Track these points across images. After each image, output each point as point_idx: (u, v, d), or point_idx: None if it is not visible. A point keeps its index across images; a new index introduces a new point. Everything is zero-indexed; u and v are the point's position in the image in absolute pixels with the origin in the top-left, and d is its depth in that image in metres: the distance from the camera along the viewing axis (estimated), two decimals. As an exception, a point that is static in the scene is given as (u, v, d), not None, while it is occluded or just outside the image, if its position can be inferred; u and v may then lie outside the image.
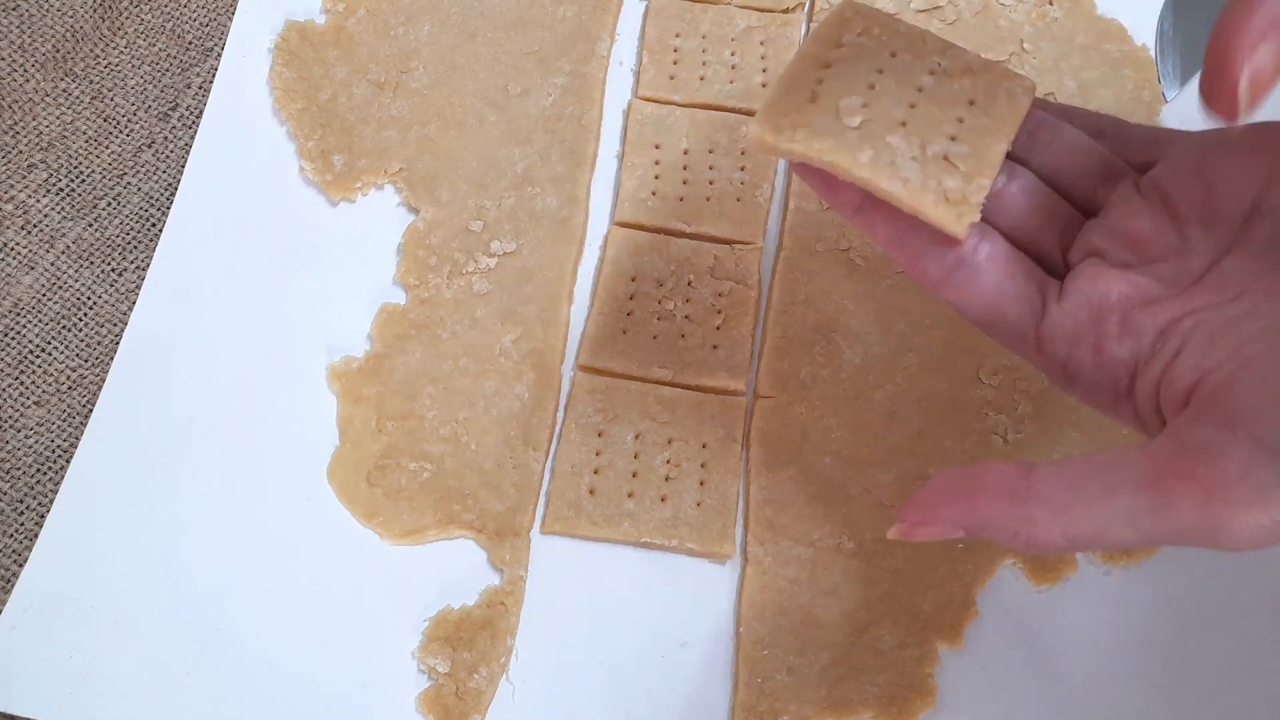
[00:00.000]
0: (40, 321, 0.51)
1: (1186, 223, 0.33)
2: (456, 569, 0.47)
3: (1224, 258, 0.32)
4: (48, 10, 0.58)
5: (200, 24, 0.58)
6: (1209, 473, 0.27)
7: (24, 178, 0.54)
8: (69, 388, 0.50)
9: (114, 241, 0.53)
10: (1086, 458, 0.30)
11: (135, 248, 0.53)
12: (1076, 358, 0.33)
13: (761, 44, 0.56)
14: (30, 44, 0.57)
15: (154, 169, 0.55)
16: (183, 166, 0.54)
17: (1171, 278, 0.33)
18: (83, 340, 0.51)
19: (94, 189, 0.54)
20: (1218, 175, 0.33)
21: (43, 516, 0.47)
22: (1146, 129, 0.36)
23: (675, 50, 0.56)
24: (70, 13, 0.58)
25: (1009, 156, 0.35)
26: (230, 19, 0.58)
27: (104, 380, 0.50)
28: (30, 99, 0.56)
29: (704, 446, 0.49)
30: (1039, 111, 0.36)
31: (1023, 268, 0.35)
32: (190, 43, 0.58)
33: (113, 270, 0.53)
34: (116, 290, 0.52)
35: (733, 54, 0.56)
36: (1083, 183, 0.36)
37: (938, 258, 0.34)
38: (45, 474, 0.49)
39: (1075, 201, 0.36)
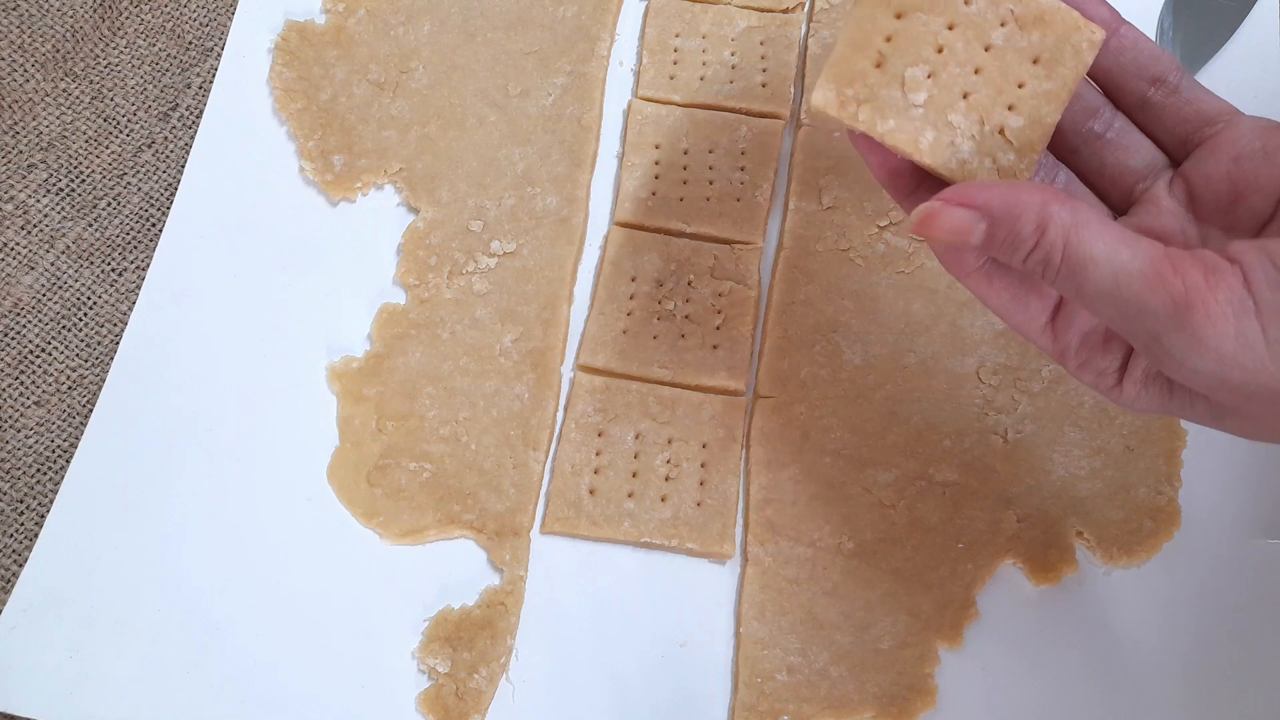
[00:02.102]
0: (40, 321, 0.51)
1: (1208, 225, 0.34)
2: (456, 569, 0.47)
3: (1234, 243, 0.32)
4: (48, 10, 0.58)
5: (200, 24, 0.58)
6: (1215, 269, 0.28)
7: (24, 178, 0.54)
8: (69, 388, 0.50)
9: (114, 241, 0.53)
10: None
11: (135, 248, 0.53)
12: (1088, 344, 0.34)
13: (761, 44, 0.56)
14: (30, 44, 0.57)
15: (154, 169, 0.55)
16: (183, 166, 0.54)
17: None
18: (83, 340, 0.51)
19: (94, 189, 0.54)
20: (1246, 186, 0.33)
21: (43, 516, 0.47)
22: (1200, 99, 0.35)
23: (675, 50, 0.56)
24: (70, 13, 0.58)
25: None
26: (230, 19, 0.58)
27: (104, 380, 0.50)
28: (30, 99, 0.56)
29: (704, 446, 0.49)
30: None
31: None
32: (190, 43, 0.58)
33: (113, 270, 0.53)
34: (116, 290, 0.52)
35: (733, 54, 0.56)
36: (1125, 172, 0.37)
37: (974, 254, 0.34)
38: (45, 474, 0.49)
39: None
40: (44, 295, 0.52)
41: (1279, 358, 0.28)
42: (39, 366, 0.51)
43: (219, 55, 0.57)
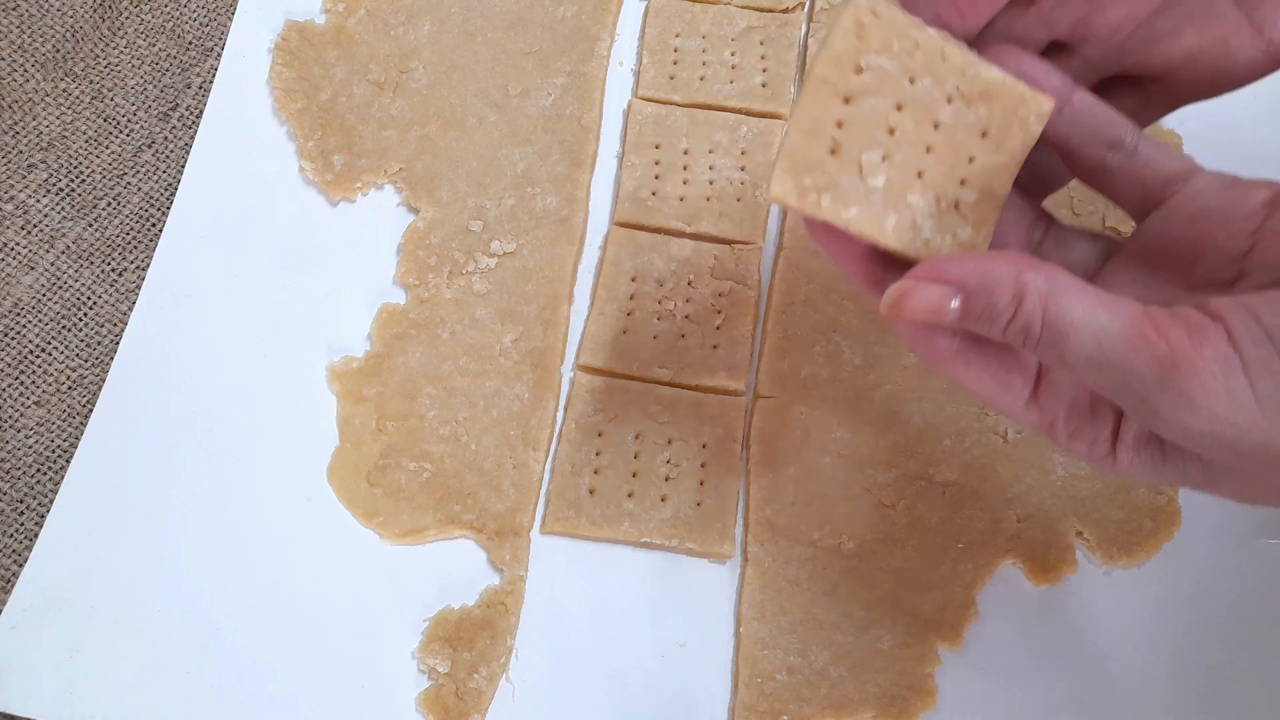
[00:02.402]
0: (40, 321, 0.51)
1: (1174, 287, 0.33)
2: (456, 569, 0.47)
3: (1214, 299, 0.32)
4: (48, 10, 0.58)
5: (200, 24, 0.58)
6: (1198, 326, 0.28)
7: (24, 178, 0.54)
8: (69, 388, 0.50)
9: (114, 241, 0.53)
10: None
11: (135, 248, 0.53)
12: (1076, 413, 0.33)
13: (761, 44, 0.56)
14: (30, 44, 0.57)
15: (154, 169, 0.55)
16: (183, 166, 0.54)
17: None
18: (83, 340, 0.51)
19: (94, 189, 0.54)
20: (1205, 246, 0.33)
21: (43, 516, 0.47)
22: (1157, 159, 0.35)
23: (675, 50, 0.56)
24: (70, 13, 0.58)
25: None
26: (230, 19, 0.58)
27: (104, 380, 0.50)
28: (30, 99, 0.56)
29: (704, 446, 0.49)
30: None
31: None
32: (190, 43, 0.58)
33: (113, 270, 0.53)
34: (116, 290, 0.52)
35: (733, 54, 0.56)
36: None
37: (947, 336, 0.33)
38: (45, 474, 0.49)
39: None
40: (44, 295, 0.52)
41: (1270, 414, 0.28)
42: (39, 366, 0.51)
43: (219, 55, 0.57)
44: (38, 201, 0.54)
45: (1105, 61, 0.36)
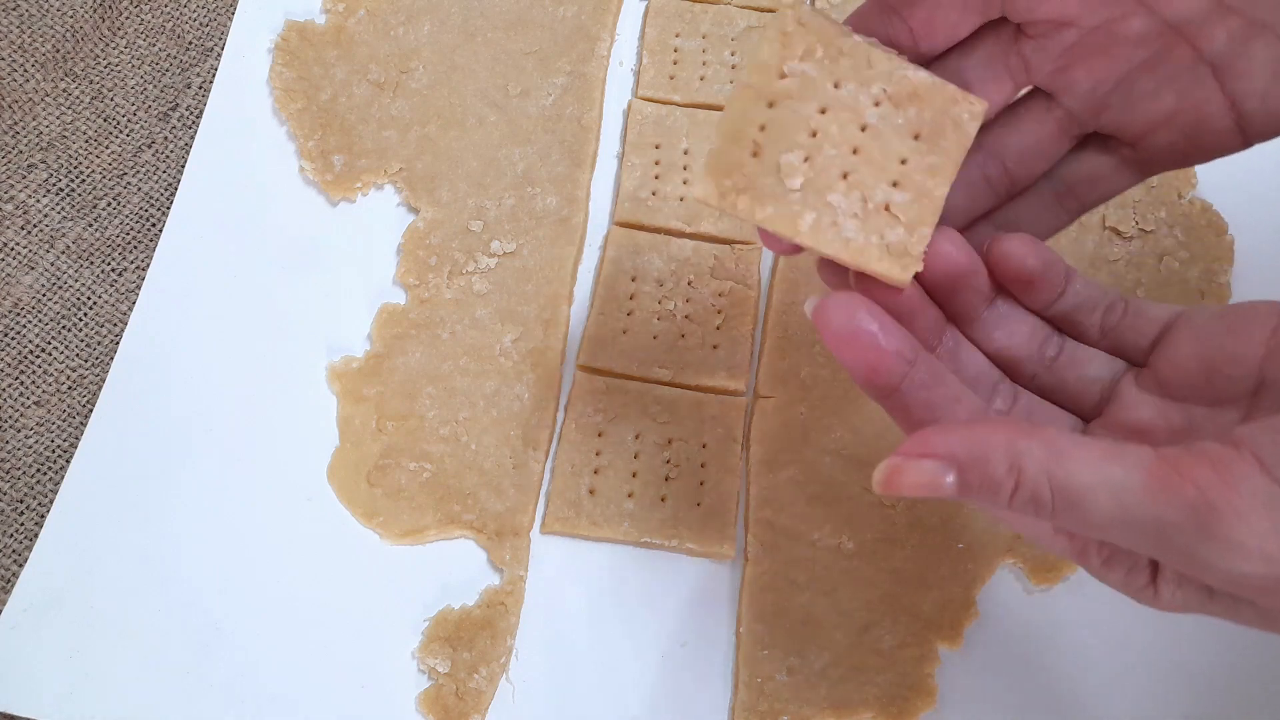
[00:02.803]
0: (40, 321, 0.51)
1: (1191, 405, 0.33)
2: (456, 569, 0.47)
3: (1236, 428, 0.29)
4: (48, 10, 0.58)
5: (200, 24, 0.58)
6: (1223, 460, 0.26)
7: (24, 178, 0.54)
8: (69, 388, 0.50)
9: (114, 241, 0.53)
10: (1100, 438, 0.29)
11: (135, 248, 0.53)
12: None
13: (761, 44, 0.56)
14: (30, 44, 0.57)
15: (154, 169, 0.55)
16: (183, 166, 0.54)
17: None
18: (83, 340, 0.51)
19: (94, 189, 0.54)
20: (1216, 359, 0.32)
21: (43, 516, 0.47)
22: (1151, 308, 0.35)
23: (675, 50, 0.56)
24: (70, 13, 0.58)
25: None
26: (230, 19, 0.58)
27: (104, 380, 0.50)
28: (30, 99, 0.56)
29: (704, 446, 0.49)
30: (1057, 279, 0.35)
31: None
32: (190, 43, 0.58)
33: (113, 270, 0.53)
34: (116, 290, 0.52)
35: (733, 54, 0.56)
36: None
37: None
38: (45, 474, 0.49)
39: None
40: (44, 295, 0.52)
41: None
42: (39, 366, 0.51)
43: (219, 55, 0.57)
44: (38, 201, 0.54)
45: (1085, 115, 0.36)
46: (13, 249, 0.53)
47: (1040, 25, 0.35)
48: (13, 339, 0.51)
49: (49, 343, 0.51)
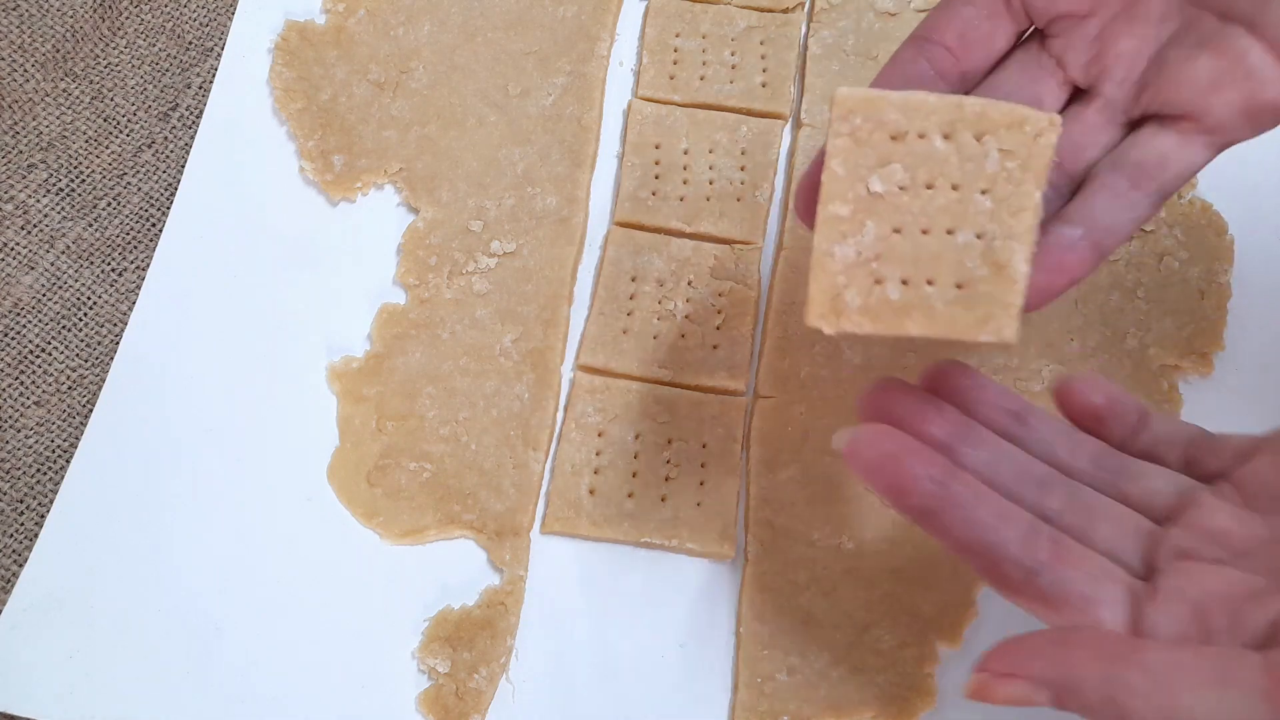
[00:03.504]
0: (40, 321, 0.51)
1: (1273, 515, 0.32)
2: (456, 569, 0.47)
3: None
4: (48, 10, 0.58)
5: (200, 24, 0.58)
6: None
7: (24, 178, 0.54)
8: (69, 388, 0.50)
9: (114, 241, 0.53)
10: (1198, 645, 0.28)
11: (135, 248, 0.53)
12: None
13: (761, 44, 0.56)
14: (30, 44, 0.57)
15: (154, 169, 0.55)
16: (183, 166, 0.54)
17: (1270, 568, 0.31)
18: (83, 340, 0.51)
19: (94, 189, 0.54)
20: None
21: (43, 516, 0.47)
22: (1235, 440, 0.34)
23: (675, 50, 0.56)
24: (70, 13, 0.58)
25: None
26: (230, 19, 0.58)
27: (104, 380, 0.50)
28: (30, 99, 0.56)
29: (704, 446, 0.49)
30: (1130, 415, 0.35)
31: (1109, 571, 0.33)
32: (190, 43, 0.58)
33: (113, 270, 0.53)
34: (116, 290, 0.52)
35: (733, 54, 0.56)
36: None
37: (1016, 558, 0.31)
38: (45, 474, 0.49)
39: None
40: (44, 295, 0.52)
41: None
42: (39, 366, 0.51)
43: (219, 55, 0.57)
44: (38, 201, 0.54)
45: (1127, 101, 0.35)
46: (13, 249, 0.53)
47: (1062, 22, 0.35)
48: (13, 339, 0.51)
49: (49, 343, 0.51)
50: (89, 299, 0.52)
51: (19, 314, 0.52)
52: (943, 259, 0.33)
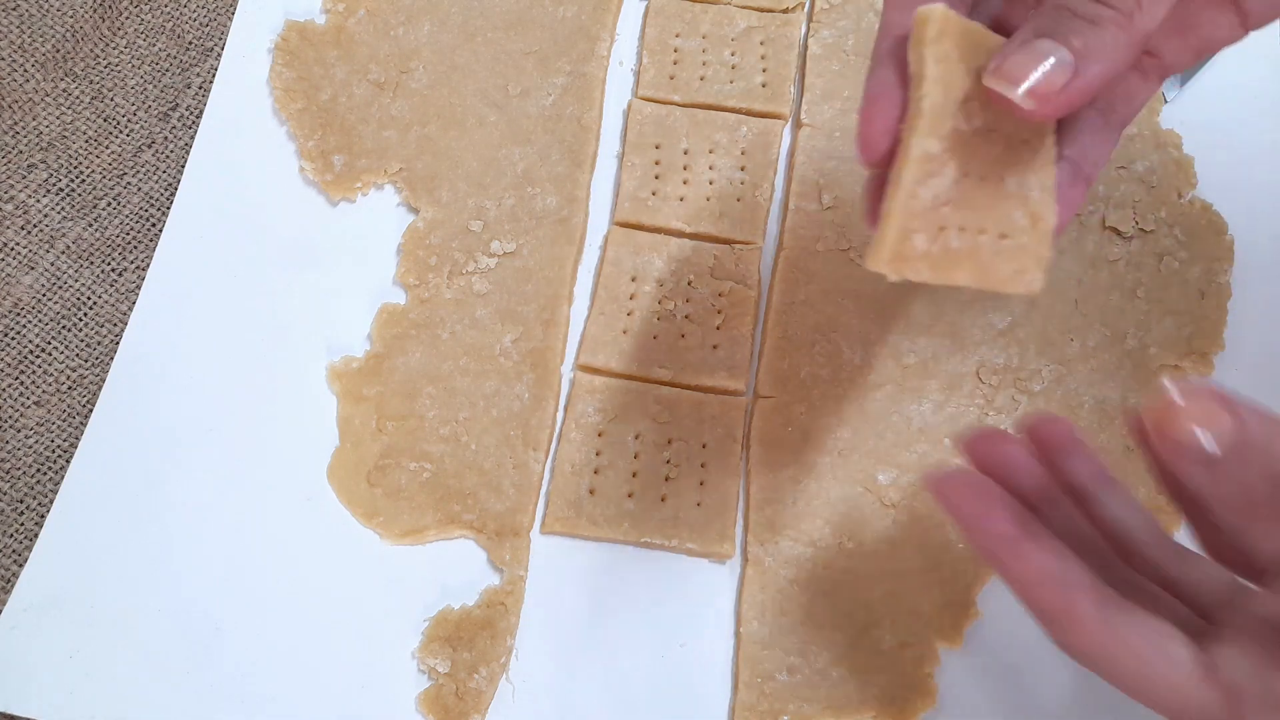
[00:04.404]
0: (40, 321, 0.51)
1: None
2: (456, 569, 0.47)
3: None
4: (48, 10, 0.58)
5: (200, 24, 0.58)
6: None
7: (24, 178, 0.54)
8: (69, 388, 0.50)
9: (114, 241, 0.53)
10: None
11: (135, 248, 0.53)
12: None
13: (761, 44, 0.56)
14: (30, 44, 0.57)
15: (154, 169, 0.55)
16: (183, 166, 0.54)
17: None
18: (83, 340, 0.51)
19: (94, 189, 0.54)
20: None
21: (43, 516, 0.47)
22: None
23: (675, 50, 0.56)
24: (70, 13, 0.58)
25: None
26: (230, 19, 0.58)
27: (104, 380, 0.50)
28: (30, 99, 0.56)
29: (704, 446, 0.49)
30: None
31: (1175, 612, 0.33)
32: (190, 43, 0.58)
33: (113, 270, 0.53)
34: (116, 290, 0.52)
35: (733, 54, 0.56)
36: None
37: (1091, 599, 0.31)
38: (45, 474, 0.49)
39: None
40: (44, 295, 0.52)
41: None
42: (39, 366, 0.51)
43: (219, 55, 0.57)
44: (38, 201, 0.54)
45: None
46: (13, 249, 0.53)
47: None
48: (13, 339, 0.51)
49: (49, 343, 0.51)
50: (89, 299, 0.52)
51: (19, 314, 0.52)
52: (995, 209, 0.32)
